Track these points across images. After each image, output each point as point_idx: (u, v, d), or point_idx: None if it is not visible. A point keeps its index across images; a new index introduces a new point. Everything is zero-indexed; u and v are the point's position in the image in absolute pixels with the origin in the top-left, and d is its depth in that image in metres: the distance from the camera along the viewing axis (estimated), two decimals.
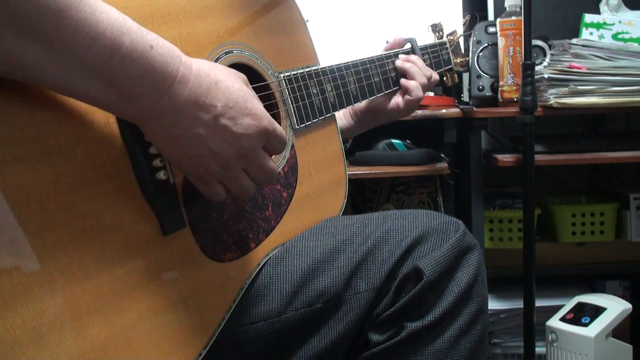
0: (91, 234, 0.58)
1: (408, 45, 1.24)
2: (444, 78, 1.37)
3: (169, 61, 0.59)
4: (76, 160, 0.58)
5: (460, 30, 1.42)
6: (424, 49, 1.26)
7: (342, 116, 1.22)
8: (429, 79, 1.18)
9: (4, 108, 0.53)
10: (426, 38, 1.33)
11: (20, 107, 0.54)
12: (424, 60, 1.22)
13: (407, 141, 1.52)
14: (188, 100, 0.61)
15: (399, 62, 1.17)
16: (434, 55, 1.29)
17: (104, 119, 0.62)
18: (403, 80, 1.16)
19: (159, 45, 0.59)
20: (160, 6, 0.71)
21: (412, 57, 1.19)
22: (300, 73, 0.92)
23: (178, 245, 0.68)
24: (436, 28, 1.36)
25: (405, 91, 1.16)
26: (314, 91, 0.95)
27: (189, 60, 0.62)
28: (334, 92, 0.99)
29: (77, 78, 0.54)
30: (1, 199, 0.51)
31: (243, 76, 0.69)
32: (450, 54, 1.36)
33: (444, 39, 1.36)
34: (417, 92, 1.15)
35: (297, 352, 0.81)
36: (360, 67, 1.07)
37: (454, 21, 1.72)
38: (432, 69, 1.26)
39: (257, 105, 0.67)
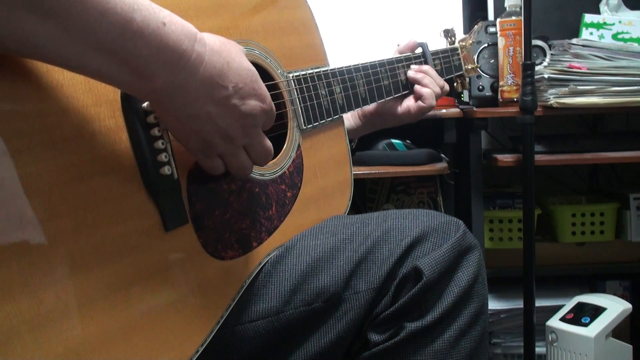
0: (93, 226, 0.58)
1: (419, 50, 1.24)
2: (454, 84, 1.37)
3: (182, 39, 0.59)
4: (81, 152, 0.58)
5: (471, 35, 1.42)
6: (435, 53, 1.26)
7: (350, 117, 1.22)
8: (442, 88, 1.19)
9: (12, 98, 0.53)
10: (425, 37, 1.33)
11: (27, 97, 0.54)
12: (435, 66, 1.23)
13: (407, 141, 1.52)
14: (202, 79, 0.62)
15: (411, 73, 1.17)
16: (445, 60, 1.29)
17: (110, 112, 0.62)
18: (417, 87, 1.16)
19: (172, 22, 0.59)
20: (170, 1, 0.71)
21: (425, 67, 1.19)
22: (309, 74, 0.93)
23: (180, 241, 0.68)
24: (448, 33, 1.36)
25: (419, 97, 1.16)
26: (323, 92, 0.95)
27: (203, 38, 0.62)
28: (343, 94, 0.99)
29: (89, 56, 0.54)
30: (5, 189, 0.51)
31: (242, 48, 0.70)
32: (462, 60, 1.35)
33: (456, 44, 1.36)
34: (431, 100, 1.16)
35: (295, 351, 0.81)
36: (370, 70, 1.07)
37: (454, 21, 1.72)
38: (443, 74, 1.26)
39: (262, 86, 0.70)
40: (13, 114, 0.53)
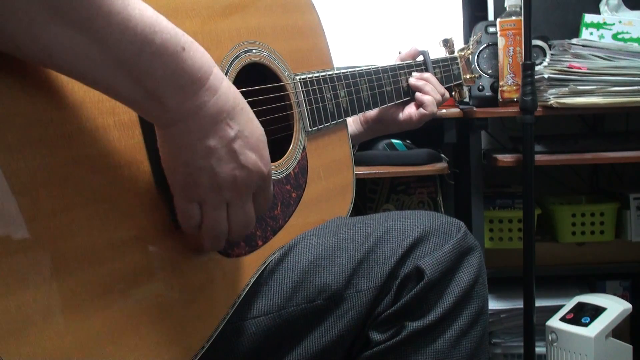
0: (104, 220, 0.59)
1: (420, 57, 1.25)
2: (452, 93, 1.38)
3: (200, 66, 0.59)
4: (94, 146, 0.59)
5: (470, 45, 1.43)
6: (435, 62, 1.27)
7: (352, 122, 1.23)
8: (442, 95, 1.20)
9: (28, 90, 0.54)
10: (425, 38, 1.33)
11: (43, 90, 0.55)
12: (435, 74, 1.24)
13: (407, 141, 1.52)
14: (212, 110, 0.61)
15: (412, 80, 1.18)
16: (445, 69, 1.30)
17: (125, 107, 0.62)
18: (418, 94, 1.17)
19: (192, 49, 0.59)
20: (184, 3, 0.72)
21: (426, 74, 1.20)
22: (315, 77, 0.93)
23: (189, 237, 0.68)
24: (447, 43, 1.37)
25: (420, 104, 1.17)
26: (328, 95, 0.96)
27: (221, 74, 0.62)
28: (347, 98, 1.00)
29: (104, 70, 0.54)
30: (20, 180, 0.52)
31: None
32: (461, 69, 1.36)
33: (455, 54, 1.36)
34: (432, 107, 1.17)
35: (297, 348, 0.81)
36: (373, 76, 1.08)
37: (454, 21, 1.72)
38: (443, 82, 1.27)
39: (267, 152, 0.68)
40: (30, 105, 0.54)
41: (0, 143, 0.51)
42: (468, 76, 1.38)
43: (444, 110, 1.51)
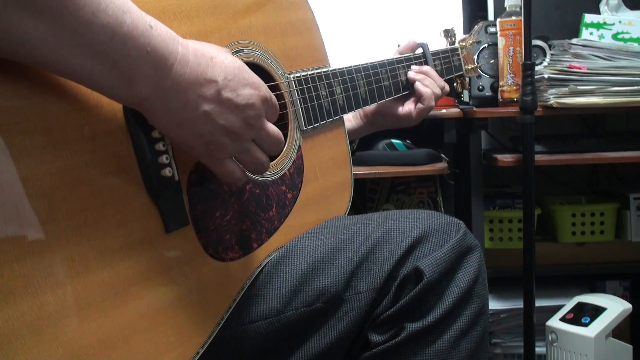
0: (94, 228, 0.58)
1: (419, 50, 1.24)
2: (454, 84, 1.37)
3: (168, 42, 0.60)
4: (83, 154, 0.58)
5: (471, 35, 1.42)
6: (435, 54, 1.25)
7: (352, 117, 1.22)
8: (442, 89, 1.19)
9: (14, 100, 0.53)
10: (425, 37, 1.32)
11: (29, 99, 0.55)
12: (435, 66, 1.22)
13: (407, 141, 1.52)
14: (190, 79, 0.61)
15: (411, 74, 1.17)
16: (445, 60, 1.29)
17: (112, 113, 0.62)
18: (418, 88, 1.16)
19: (158, 26, 0.59)
20: (173, 2, 0.71)
21: (425, 68, 1.18)
22: (310, 74, 0.93)
23: (180, 242, 0.68)
24: (448, 33, 1.36)
25: (418, 98, 1.16)
26: (323, 93, 0.95)
27: (185, 41, 0.63)
28: (343, 95, 0.99)
29: (80, 58, 0.54)
30: (6, 190, 0.51)
31: (226, 49, 0.69)
32: (462, 60, 1.35)
33: (456, 44, 1.35)
34: (430, 101, 1.15)
35: (296, 351, 0.81)
36: (370, 71, 1.07)
37: (454, 21, 1.72)
38: (443, 74, 1.26)
39: (252, 75, 0.68)
40: (16, 115, 0.53)
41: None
42: (470, 67, 1.37)
43: (444, 110, 1.51)
